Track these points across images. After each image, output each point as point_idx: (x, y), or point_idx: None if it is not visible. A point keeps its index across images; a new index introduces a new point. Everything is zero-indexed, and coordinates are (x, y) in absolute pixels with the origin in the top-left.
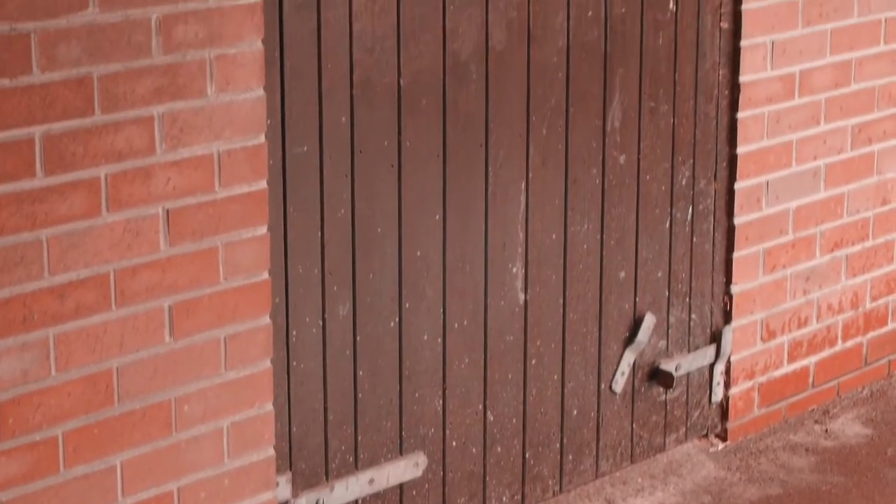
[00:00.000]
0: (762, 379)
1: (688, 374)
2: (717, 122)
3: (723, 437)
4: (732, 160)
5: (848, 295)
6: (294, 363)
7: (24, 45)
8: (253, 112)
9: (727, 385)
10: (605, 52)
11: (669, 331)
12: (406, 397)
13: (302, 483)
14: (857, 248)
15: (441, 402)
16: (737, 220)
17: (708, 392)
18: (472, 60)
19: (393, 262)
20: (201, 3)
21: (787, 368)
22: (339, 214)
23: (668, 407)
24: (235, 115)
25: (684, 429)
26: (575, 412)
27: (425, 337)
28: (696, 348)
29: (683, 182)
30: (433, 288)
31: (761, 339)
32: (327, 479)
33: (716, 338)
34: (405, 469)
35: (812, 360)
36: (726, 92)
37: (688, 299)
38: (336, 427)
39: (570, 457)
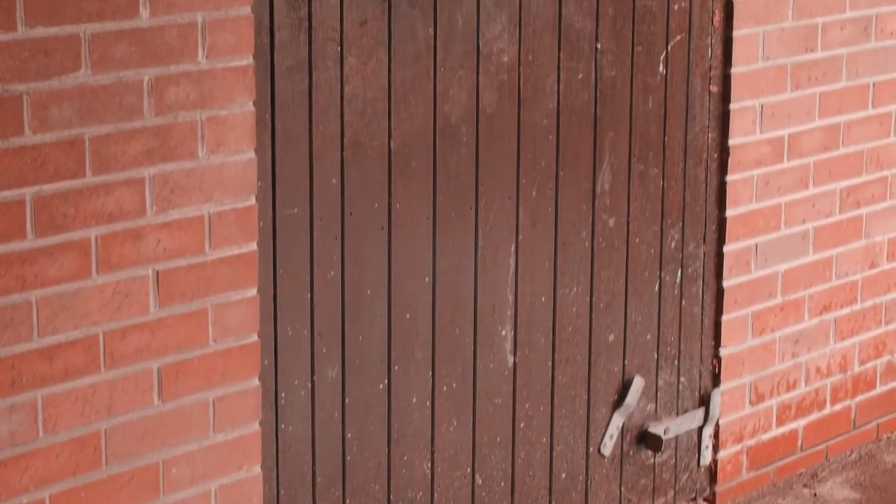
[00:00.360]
0: (751, 442)
1: (676, 438)
2: (706, 185)
3: (711, 500)
4: (721, 223)
5: (836, 358)
6: (282, 426)
7: (17, 106)
8: (244, 174)
9: (716, 448)
10: (595, 115)
11: (658, 394)
12: (394, 460)
13: None
14: (846, 311)
15: (429, 465)
16: (726, 283)
17: (696, 455)
18: (463, 123)
19: (382, 325)
20: (193, 65)
21: (776, 432)
22: (328, 276)
23: (656, 470)
24: (226, 177)
25: (673, 492)
26: (563, 475)
27: (414, 399)
28: (685, 411)
29: (672, 245)
30: (422, 350)
31: (750, 402)
32: None
33: (704, 401)
34: None
35: (801, 423)
36: (715, 155)
37: (676, 362)
38: (324, 490)
39: None
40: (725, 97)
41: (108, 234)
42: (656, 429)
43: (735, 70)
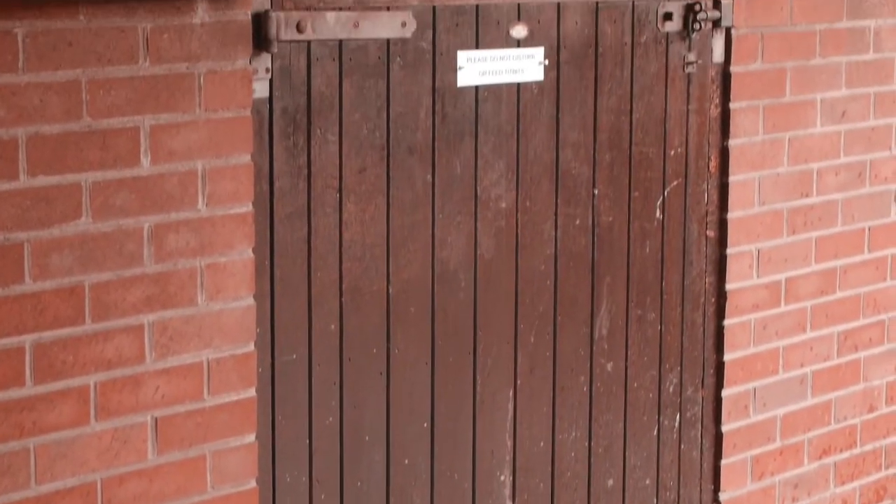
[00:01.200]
0: None
1: None
2: (703, 330)
3: None
4: (719, 367)
5: (837, 503)
6: None
7: (17, 254)
8: (242, 320)
9: None
10: (592, 260)
11: None
12: None
13: None
14: (846, 455)
15: None
16: (724, 428)
17: None
18: (461, 269)
19: (381, 470)
20: (193, 213)
21: None
22: (327, 422)
23: None
24: (225, 324)
25: None
26: None
27: None
28: None
29: (671, 389)
30: (421, 496)
31: None
32: None
33: None
34: None
35: None
36: (713, 299)
37: None
38: None
39: None
40: (722, 242)
41: (106, 380)
42: None
43: (731, 215)
